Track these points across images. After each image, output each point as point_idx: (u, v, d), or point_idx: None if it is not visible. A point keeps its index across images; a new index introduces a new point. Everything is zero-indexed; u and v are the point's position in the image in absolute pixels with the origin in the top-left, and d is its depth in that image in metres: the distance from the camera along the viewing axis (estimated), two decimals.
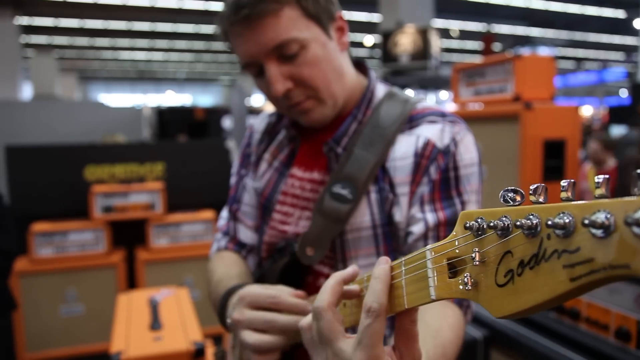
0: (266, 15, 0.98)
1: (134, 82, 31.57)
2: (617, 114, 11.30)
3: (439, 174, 1.02)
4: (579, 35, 19.74)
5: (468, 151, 1.05)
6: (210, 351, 1.99)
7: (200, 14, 14.97)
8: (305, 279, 1.13)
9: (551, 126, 2.75)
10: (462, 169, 1.03)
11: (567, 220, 0.40)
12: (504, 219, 0.47)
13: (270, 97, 1.09)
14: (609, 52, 24.12)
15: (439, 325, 0.86)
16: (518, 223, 0.45)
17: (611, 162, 5.33)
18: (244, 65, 1.07)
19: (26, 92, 15.49)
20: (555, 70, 2.96)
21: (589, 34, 19.75)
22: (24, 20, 15.34)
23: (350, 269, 0.71)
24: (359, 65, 1.21)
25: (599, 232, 0.38)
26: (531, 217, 0.44)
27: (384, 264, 0.63)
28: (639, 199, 0.36)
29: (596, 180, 0.40)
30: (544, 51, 16.70)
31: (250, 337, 0.87)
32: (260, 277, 1.21)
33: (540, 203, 0.45)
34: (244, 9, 0.98)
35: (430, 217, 1.01)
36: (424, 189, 1.03)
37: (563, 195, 0.42)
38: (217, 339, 2.24)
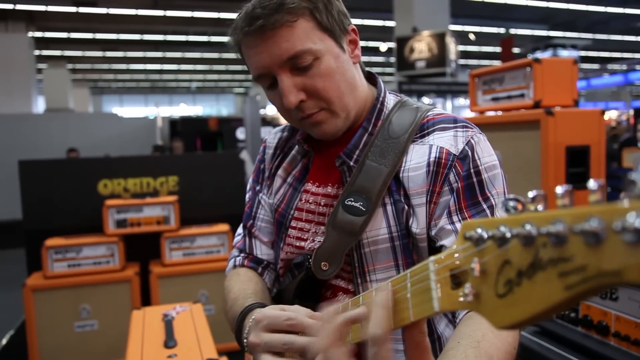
0: (281, 26, 0.98)
1: (147, 95, 31.82)
2: None
3: (461, 182, 1.00)
4: (602, 36, 19.35)
5: (486, 154, 1.03)
6: None
7: (213, 23, 15.05)
8: (322, 294, 1.12)
9: (574, 132, 2.67)
10: (484, 173, 1.01)
11: (560, 228, 0.40)
12: (501, 228, 0.46)
13: (283, 109, 1.08)
14: (635, 53, 23.64)
15: (480, 334, 0.83)
16: (514, 232, 0.44)
17: None
18: (257, 76, 1.06)
19: (40, 105, 15.64)
20: (577, 74, 2.87)
21: (612, 35, 19.35)
22: (37, 34, 15.52)
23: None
24: (368, 76, 1.20)
25: (590, 240, 0.37)
26: (527, 225, 0.43)
27: (385, 290, 0.66)
28: (627, 205, 0.35)
29: (591, 186, 0.39)
30: (565, 53, 16.27)
31: None
32: (278, 293, 1.21)
33: (538, 211, 0.45)
34: (259, 19, 0.97)
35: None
36: (447, 198, 1.01)
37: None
38: (232, 355, 2.21)
